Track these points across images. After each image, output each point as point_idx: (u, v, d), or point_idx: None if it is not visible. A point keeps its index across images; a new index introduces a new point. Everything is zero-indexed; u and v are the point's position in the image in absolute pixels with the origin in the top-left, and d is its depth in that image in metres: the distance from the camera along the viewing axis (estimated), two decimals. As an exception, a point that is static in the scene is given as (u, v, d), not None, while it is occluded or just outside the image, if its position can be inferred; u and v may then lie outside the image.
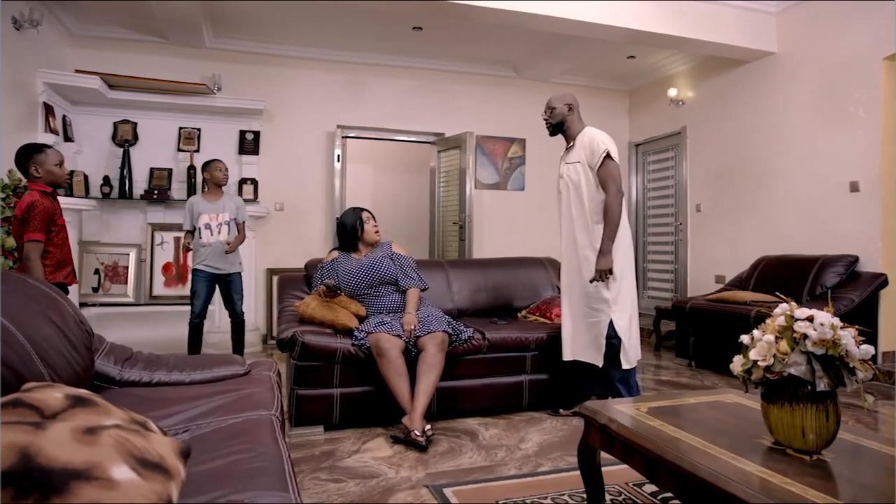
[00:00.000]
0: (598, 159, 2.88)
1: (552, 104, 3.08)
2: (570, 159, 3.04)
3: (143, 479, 0.74)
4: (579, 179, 2.96)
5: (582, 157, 2.96)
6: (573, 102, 3.08)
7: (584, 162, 2.94)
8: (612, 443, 1.73)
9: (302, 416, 2.82)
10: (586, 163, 2.93)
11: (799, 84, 4.70)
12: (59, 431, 0.74)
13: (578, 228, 2.97)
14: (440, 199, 6.20)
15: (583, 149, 2.97)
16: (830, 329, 1.40)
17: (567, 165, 3.05)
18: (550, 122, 3.08)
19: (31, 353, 1.35)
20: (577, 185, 2.97)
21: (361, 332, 2.89)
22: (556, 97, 3.10)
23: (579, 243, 2.96)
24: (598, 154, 2.88)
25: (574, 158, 3.01)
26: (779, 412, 1.49)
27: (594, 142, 2.91)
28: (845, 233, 4.29)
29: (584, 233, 2.94)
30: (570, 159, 3.04)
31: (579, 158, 2.97)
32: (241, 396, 1.65)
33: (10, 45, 3.86)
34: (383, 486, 2.21)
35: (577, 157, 2.99)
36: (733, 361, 1.64)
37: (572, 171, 3.00)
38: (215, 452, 1.19)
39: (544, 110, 3.11)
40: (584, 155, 2.95)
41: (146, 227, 5.08)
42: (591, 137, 2.95)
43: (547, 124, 3.10)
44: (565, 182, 3.05)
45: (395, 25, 5.05)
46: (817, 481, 1.31)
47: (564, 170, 3.07)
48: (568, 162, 3.05)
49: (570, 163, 3.03)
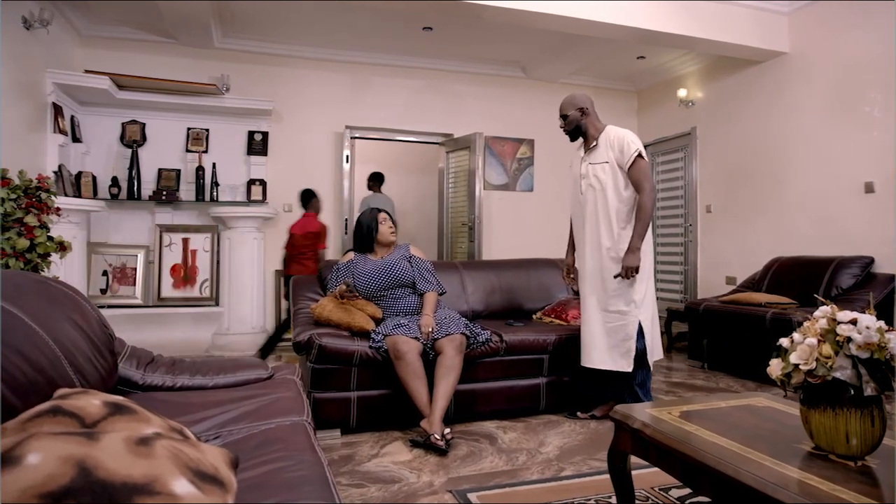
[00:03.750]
0: (629, 159, 2.83)
1: (564, 111, 3.01)
2: (596, 159, 2.95)
3: (203, 492, 0.71)
4: (607, 180, 2.89)
5: (610, 156, 2.90)
6: (586, 104, 3.00)
7: (613, 162, 2.88)
8: (645, 447, 1.70)
9: (319, 419, 2.78)
10: (615, 162, 2.87)
11: (812, 84, 4.67)
12: (114, 443, 0.71)
13: (603, 230, 2.91)
14: (448, 199, 6.17)
15: (609, 148, 2.90)
16: (877, 332, 1.37)
17: (592, 166, 2.96)
18: (566, 129, 3.02)
19: (61, 358, 1.31)
20: (603, 186, 2.90)
21: (379, 335, 2.85)
22: (566, 103, 3.02)
23: (604, 246, 2.91)
24: (630, 154, 2.83)
25: (600, 158, 2.93)
26: (820, 417, 1.45)
27: (623, 141, 2.86)
28: (860, 234, 4.26)
29: (609, 235, 2.89)
30: (595, 159, 2.96)
31: (606, 158, 2.90)
32: (269, 401, 1.61)
33: (20, 46, 3.83)
34: (406, 490, 2.18)
35: (604, 156, 2.92)
36: (770, 365, 1.59)
37: (599, 171, 2.92)
38: (252, 460, 1.16)
39: (561, 116, 3.05)
40: (611, 154, 2.89)
41: (154, 229, 5.06)
42: (620, 137, 2.89)
43: (566, 132, 3.05)
44: (589, 183, 2.97)
45: (404, 25, 5.03)
46: (865, 487, 1.28)
47: (589, 170, 2.97)
48: (593, 162, 2.96)
49: (597, 163, 2.94)
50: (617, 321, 2.87)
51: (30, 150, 3.99)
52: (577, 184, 3.06)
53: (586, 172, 2.98)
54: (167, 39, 5.10)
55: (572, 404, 3.18)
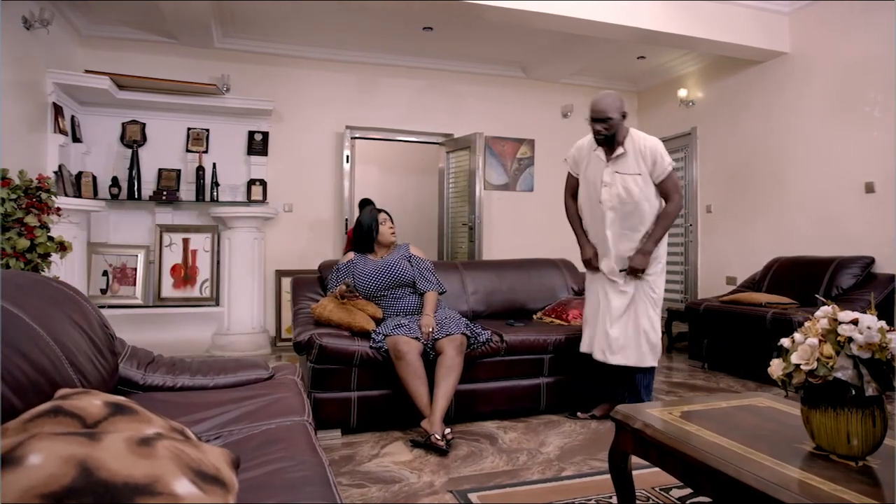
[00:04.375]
0: (664, 174, 2.74)
1: (608, 114, 2.68)
2: (626, 169, 2.75)
3: (204, 492, 0.70)
4: (639, 193, 2.75)
5: (642, 168, 2.74)
6: (625, 108, 2.79)
7: (646, 174, 2.74)
8: (646, 447, 1.70)
9: (319, 419, 2.78)
10: (648, 174, 2.74)
11: (812, 84, 4.67)
12: (115, 443, 0.71)
13: (623, 240, 2.84)
14: (449, 199, 6.17)
15: (641, 159, 2.75)
16: (878, 333, 1.37)
17: (620, 176, 2.76)
18: (606, 133, 2.73)
19: (62, 358, 1.31)
20: (635, 199, 2.75)
21: (379, 335, 2.85)
22: (609, 105, 2.70)
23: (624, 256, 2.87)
24: (665, 168, 2.74)
25: (631, 169, 2.75)
26: (821, 417, 1.45)
27: (656, 154, 2.74)
28: (860, 234, 4.26)
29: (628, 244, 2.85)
30: (624, 169, 2.76)
31: (638, 170, 2.74)
32: (270, 402, 1.61)
33: (20, 45, 3.83)
34: (406, 491, 2.18)
35: (635, 167, 2.74)
36: (771, 365, 1.59)
37: (631, 183, 2.74)
38: (254, 461, 1.16)
39: (596, 119, 2.72)
40: (643, 167, 2.74)
41: (154, 229, 5.05)
42: (652, 149, 2.75)
43: (602, 137, 2.75)
44: (616, 192, 2.77)
45: (405, 25, 5.02)
46: (867, 488, 1.28)
47: (616, 179, 2.76)
48: (621, 172, 2.76)
49: (627, 174, 2.75)
50: (641, 318, 2.89)
51: (30, 150, 3.98)
52: (595, 188, 2.85)
53: (611, 181, 2.78)
54: (167, 39, 5.10)
55: (573, 404, 3.18)
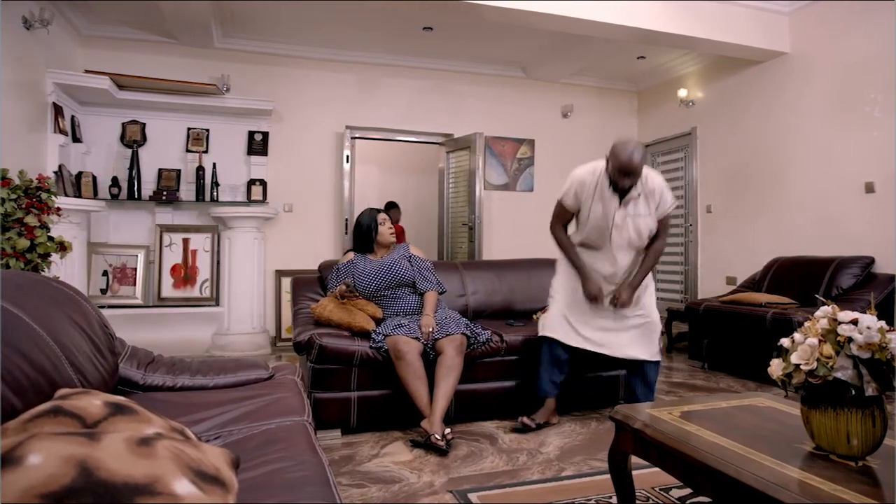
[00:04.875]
0: (667, 211, 2.85)
1: (641, 171, 2.71)
2: (637, 212, 2.81)
3: (204, 492, 0.70)
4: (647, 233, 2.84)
5: (651, 209, 2.82)
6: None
7: (654, 214, 2.83)
8: (646, 448, 1.70)
9: (319, 419, 2.78)
10: (654, 214, 2.83)
11: (812, 84, 4.67)
12: (115, 443, 0.71)
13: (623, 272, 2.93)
14: (449, 199, 6.17)
15: (650, 201, 2.82)
16: (878, 333, 1.37)
17: (631, 218, 2.81)
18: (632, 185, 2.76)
19: (61, 358, 1.31)
20: (640, 238, 2.85)
21: (379, 335, 2.85)
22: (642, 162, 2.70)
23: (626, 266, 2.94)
24: (670, 205, 2.85)
25: (641, 212, 2.82)
26: (821, 417, 1.45)
27: (664, 195, 2.83)
28: (860, 234, 4.26)
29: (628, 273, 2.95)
30: (635, 212, 2.81)
31: (648, 212, 2.82)
32: (270, 402, 1.61)
33: (20, 46, 3.83)
34: (406, 491, 2.18)
35: (644, 209, 2.81)
36: (771, 365, 1.59)
37: (642, 224, 2.82)
38: (254, 461, 1.16)
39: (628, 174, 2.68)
40: (652, 208, 2.82)
41: (155, 229, 5.05)
42: (660, 188, 2.83)
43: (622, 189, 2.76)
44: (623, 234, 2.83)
45: (405, 26, 5.03)
46: (867, 488, 1.28)
47: (628, 222, 2.80)
48: (632, 215, 2.81)
49: (639, 216, 2.81)
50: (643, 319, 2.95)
51: (30, 150, 3.98)
52: (602, 230, 2.85)
53: (623, 224, 2.81)
54: (168, 39, 5.10)
55: (571, 404, 3.18)
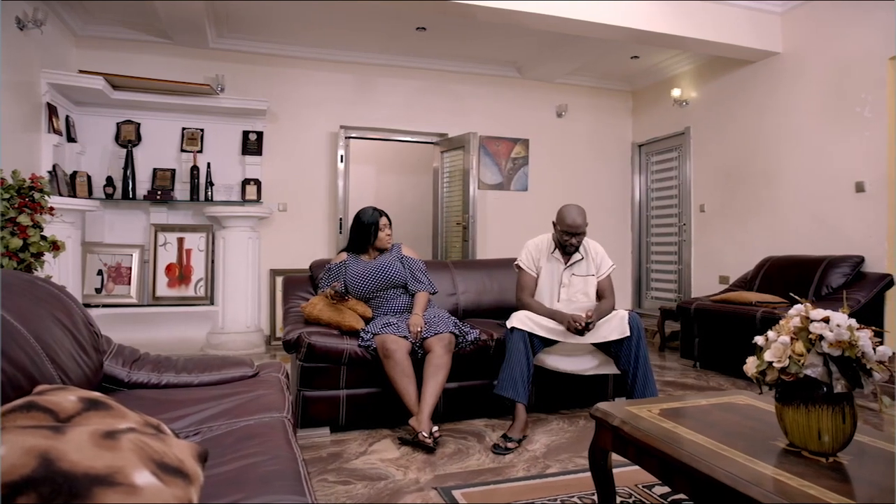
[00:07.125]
0: (607, 273, 3.10)
1: (583, 228, 2.98)
2: (581, 272, 3.09)
3: (164, 484, 0.72)
4: (591, 291, 3.08)
5: (592, 269, 3.09)
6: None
7: (595, 274, 3.09)
8: (624, 445, 1.72)
9: (308, 417, 2.81)
10: (595, 275, 3.10)
11: (804, 84, 4.69)
12: (79, 435, 0.73)
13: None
14: (443, 199, 6.19)
15: (593, 262, 3.10)
16: (847, 331, 1.39)
17: (578, 278, 3.08)
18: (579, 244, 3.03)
19: (42, 355, 1.33)
20: (587, 296, 3.06)
21: (368, 334, 2.87)
22: (583, 219, 2.98)
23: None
24: (608, 267, 3.11)
25: (585, 271, 3.09)
26: (794, 414, 1.48)
27: (604, 258, 3.13)
28: (851, 233, 4.28)
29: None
30: (580, 272, 3.09)
31: (592, 271, 3.09)
32: (251, 399, 1.63)
33: (14, 46, 3.85)
34: (391, 487, 2.20)
35: (587, 270, 3.09)
36: (747, 363, 1.61)
37: (590, 284, 3.08)
38: (229, 455, 1.18)
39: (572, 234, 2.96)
40: (592, 268, 3.10)
41: (149, 228, 5.07)
42: (601, 252, 3.14)
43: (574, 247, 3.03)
44: (570, 291, 3.07)
45: (398, 25, 5.04)
46: (835, 483, 1.30)
47: (574, 282, 3.07)
48: (578, 274, 3.08)
49: (582, 275, 3.08)
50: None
51: (25, 150, 4.00)
52: (554, 289, 3.09)
53: (569, 282, 3.07)
54: (162, 39, 5.12)
55: (560, 401, 3.21)
